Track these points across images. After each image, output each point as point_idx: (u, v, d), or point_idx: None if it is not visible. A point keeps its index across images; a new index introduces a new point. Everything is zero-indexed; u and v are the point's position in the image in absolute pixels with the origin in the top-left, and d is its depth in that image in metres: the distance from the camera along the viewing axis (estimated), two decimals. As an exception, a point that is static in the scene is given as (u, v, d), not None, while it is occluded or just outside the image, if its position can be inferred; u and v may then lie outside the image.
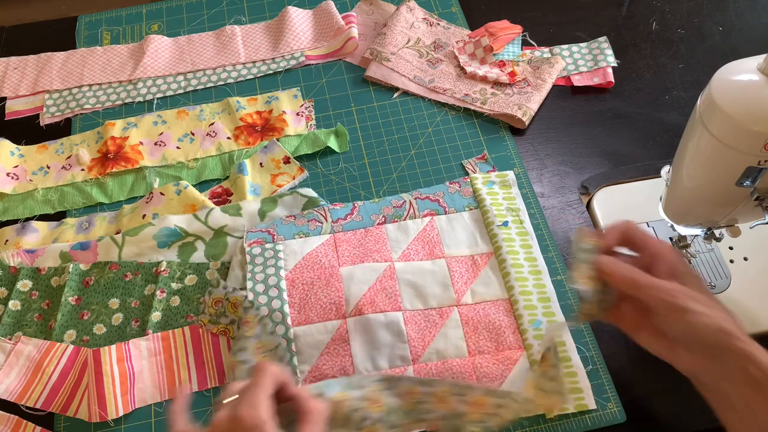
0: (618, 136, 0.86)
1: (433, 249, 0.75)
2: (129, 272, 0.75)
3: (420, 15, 0.99)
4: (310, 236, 0.76)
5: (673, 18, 0.99)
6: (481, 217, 0.78)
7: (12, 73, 0.96)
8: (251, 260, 0.73)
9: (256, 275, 0.72)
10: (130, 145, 0.87)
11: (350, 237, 0.76)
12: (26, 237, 0.79)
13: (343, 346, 0.68)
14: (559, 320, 0.69)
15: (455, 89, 0.90)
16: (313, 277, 0.72)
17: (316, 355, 0.67)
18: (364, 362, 0.67)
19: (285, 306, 0.70)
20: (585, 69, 0.92)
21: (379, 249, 0.75)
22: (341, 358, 0.67)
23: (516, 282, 0.72)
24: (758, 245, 0.75)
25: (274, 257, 0.73)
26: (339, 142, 0.86)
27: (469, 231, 0.77)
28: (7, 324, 0.73)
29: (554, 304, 0.71)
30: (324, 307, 0.70)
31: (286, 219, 0.77)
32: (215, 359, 0.69)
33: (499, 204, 0.78)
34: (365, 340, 0.68)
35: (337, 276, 0.72)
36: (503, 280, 0.73)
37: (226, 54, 0.96)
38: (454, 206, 0.79)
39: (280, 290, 0.71)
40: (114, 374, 0.67)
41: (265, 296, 0.70)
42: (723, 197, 0.60)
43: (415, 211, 0.78)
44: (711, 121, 0.55)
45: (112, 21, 1.03)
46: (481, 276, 0.73)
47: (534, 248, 0.75)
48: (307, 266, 0.73)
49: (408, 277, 0.72)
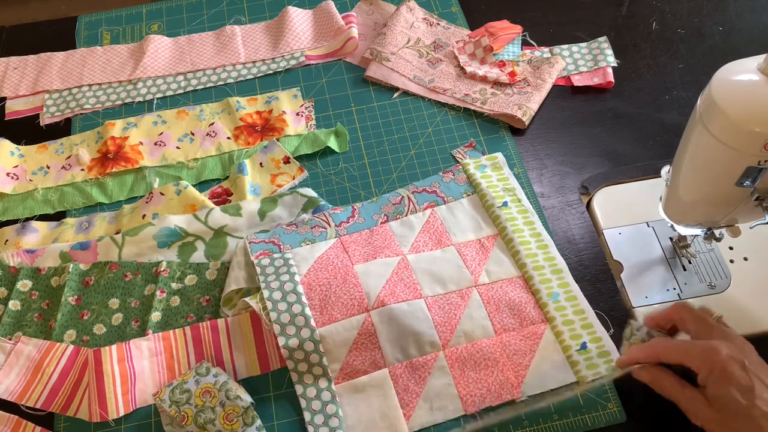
0: (618, 136, 0.86)
1: (441, 239, 0.76)
2: (129, 272, 0.75)
3: (420, 15, 0.99)
4: (317, 242, 0.76)
5: (673, 18, 0.99)
6: (479, 201, 0.79)
7: (12, 73, 0.96)
8: (262, 271, 0.72)
9: (270, 284, 0.71)
10: (130, 145, 0.87)
11: (357, 238, 0.76)
12: (26, 237, 0.79)
13: (371, 339, 0.68)
14: (582, 305, 0.71)
15: (455, 89, 0.90)
16: (329, 278, 0.71)
17: (344, 352, 0.68)
18: (394, 353, 0.67)
19: (306, 309, 0.69)
20: (585, 69, 0.92)
21: (388, 245, 0.75)
22: (371, 351, 0.67)
23: (527, 259, 0.73)
24: (758, 245, 0.75)
25: (285, 265, 0.73)
26: (339, 142, 0.86)
27: (471, 216, 0.78)
28: (7, 324, 0.73)
29: (566, 275, 0.73)
30: (345, 304, 0.69)
31: (288, 228, 0.76)
32: (216, 359, 0.69)
33: (495, 186, 0.79)
34: (392, 331, 0.68)
35: (353, 273, 0.72)
36: (514, 259, 0.74)
37: (226, 54, 0.96)
38: (451, 195, 0.79)
39: (298, 295, 0.70)
40: (115, 374, 0.67)
41: (284, 303, 0.69)
42: (723, 197, 0.60)
43: (415, 206, 0.79)
44: (711, 121, 0.55)
45: (112, 21, 1.03)
46: (491, 257, 0.74)
47: (536, 224, 0.76)
48: (321, 269, 0.73)
49: (422, 266, 0.73)
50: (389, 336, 0.68)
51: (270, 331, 0.69)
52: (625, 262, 0.75)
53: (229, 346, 0.70)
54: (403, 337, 0.68)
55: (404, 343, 0.68)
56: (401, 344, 0.68)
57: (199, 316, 0.73)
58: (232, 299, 0.73)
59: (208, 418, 0.62)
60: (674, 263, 0.75)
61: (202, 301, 0.74)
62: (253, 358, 0.69)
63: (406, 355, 0.67)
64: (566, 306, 0.70)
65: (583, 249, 0.76)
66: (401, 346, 0.68)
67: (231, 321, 0.71)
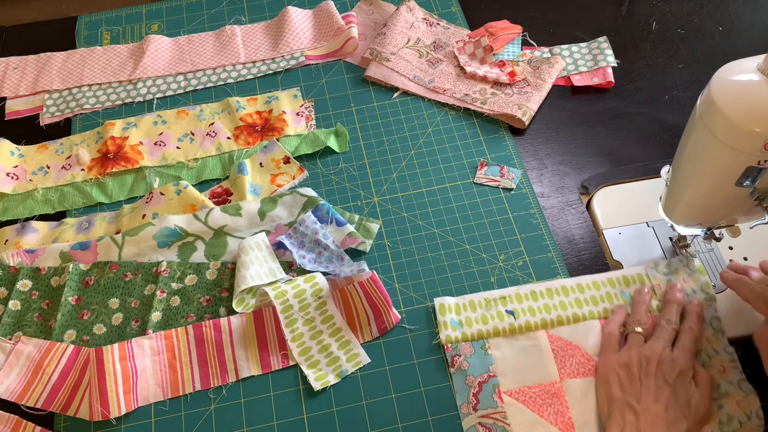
0: (618, 136, 0.86)
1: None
2: (129, 272, 0.75)
3: (420, 15, 0.99)
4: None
5: (673, 18, 0.99)
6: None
7: (12, 73, 0.96)
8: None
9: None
10: (130, 145, 0.87)
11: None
12: (26, 237, 0.79)
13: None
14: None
15: (455, 89, 0.90)
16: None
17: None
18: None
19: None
20: (585, 69, 0.92)
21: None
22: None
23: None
24: (758, 245, 0.75)
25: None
26: (339, 142, 0.86)
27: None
28: (7, 324, 0.73)
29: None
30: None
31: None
32: (218, 358, 0.69)
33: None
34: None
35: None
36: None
37: (226, 54, 0.96)
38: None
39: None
40: (117, 372, 0.67)
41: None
42: (723, 197, 0.60)
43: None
44: (711, 121, 0.55)
45: (112, 21, 1.03)
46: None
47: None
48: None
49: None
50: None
51: (273, 331, 0.69)
52: (625, 262, 0.75)
53: (231, 346, 0.70)
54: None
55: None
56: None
57: (199, 316, 0.73)
58: (243, 300, 0.73)
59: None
60: (674, 263, 0.75)
61: (202, 301, 0.74)
62: (255, 358, 0.69)
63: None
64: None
65: (583, 249, 0.76)
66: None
67: (234, 320, 0.71)
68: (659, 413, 0.60)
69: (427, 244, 0.78)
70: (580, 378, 0.67)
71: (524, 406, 0.65)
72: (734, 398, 0.64)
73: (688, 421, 0.60)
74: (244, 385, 0.69)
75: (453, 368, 0.68)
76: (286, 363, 0.69)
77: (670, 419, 0.59)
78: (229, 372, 0.69)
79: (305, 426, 0.66)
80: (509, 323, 0.70)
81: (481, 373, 0.67)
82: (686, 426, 0.60)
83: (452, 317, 0.71)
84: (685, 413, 0.60)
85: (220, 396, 0.68)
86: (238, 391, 0.68)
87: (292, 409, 0.67)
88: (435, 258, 0.76)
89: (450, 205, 0.80)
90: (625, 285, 0.72)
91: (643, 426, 0.59)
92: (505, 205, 0.80)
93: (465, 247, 0.77)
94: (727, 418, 0.63)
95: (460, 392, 0.67)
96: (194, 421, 0.67)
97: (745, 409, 0.63)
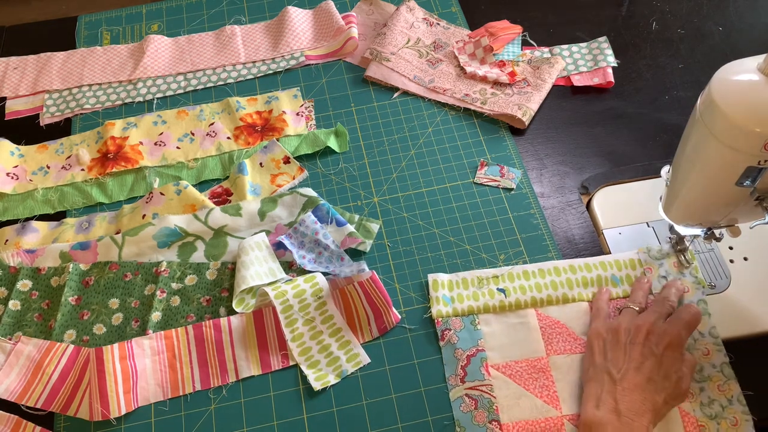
0: (618, 136, 0.86)
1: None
2: (129, 272, 0.75)
3: (420, 15, 0.99)
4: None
5: (673, 18, 0.99)
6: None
7: (12, 73, 0.96)
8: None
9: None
10: (130, 145, 0.87)
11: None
12: (26, 237, 0.79)
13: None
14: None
15: (455, 89, 0.90)
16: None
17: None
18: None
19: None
20: (585, 69, 0.92)
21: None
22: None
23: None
24: (758, 245, 0.75)
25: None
26: (339, 142, 0.86)
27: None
28: (7, 324, 0.73)
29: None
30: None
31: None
32: (218, 358, 0.69)
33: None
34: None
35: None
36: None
37: (226, 54, 0.96)
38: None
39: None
40: (117, 372, 0.67)
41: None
42: (723, 197, 0.60)
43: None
44: (711, 121, 0.55)
45: (112, 21, 1.03)
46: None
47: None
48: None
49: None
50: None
51: (273, 331, 0.69)
52: (625, 262, 0.75)
53: (231, 346, 0.70)
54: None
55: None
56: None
57: (199, 316, 0.73)
58: (243, 300, 0.73)
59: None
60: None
61: (202, 301, 0.74)
62: (255, 358, 0.69)
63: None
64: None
65: (583, 249, 0.76)
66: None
67: (234, 320, 0.71)
68: (639, 383, 0.60)
69: (427, 244, 0.78)
70: (566, 354, 0.68)
71: (510, 380, 0.67)
72: (716, 382, 0.65)
73: (666, 394, 0.61)
74: (244, 385, 0.69)
75: (443, 341, 0.70)
76: (286, 363, 0.69)
77: (647, 390, 0.60)
78: (229, 372, 0.69)
79: (305, 426, 0.66)
80: (500, 301, 0.71)
81: (470, 347, 0.69)
82: (663, 398, 0.61)
83: (444, 293, 0.73)
84: (665, 386, 0.61)
85: (220, 396, 0.68)
86: (238, 391, 0.68)
87: (292, 409, 0.67)
88: (435, 258, 0.76)
89: (450, 205, 0.80)
90: (617, 269, 0.73)
91: (619, 394, 0.60)
92: (505, 205, 0.80)
93: (465, 247, 0.77)
94: (708, 401, 0.64)
95: (448, 365, 0.69)
96: (194, 421, 0.67)
97: (726, 393, 0.65)
